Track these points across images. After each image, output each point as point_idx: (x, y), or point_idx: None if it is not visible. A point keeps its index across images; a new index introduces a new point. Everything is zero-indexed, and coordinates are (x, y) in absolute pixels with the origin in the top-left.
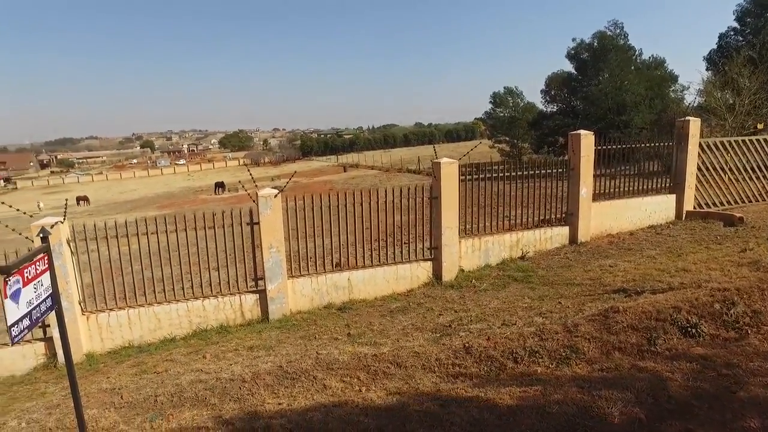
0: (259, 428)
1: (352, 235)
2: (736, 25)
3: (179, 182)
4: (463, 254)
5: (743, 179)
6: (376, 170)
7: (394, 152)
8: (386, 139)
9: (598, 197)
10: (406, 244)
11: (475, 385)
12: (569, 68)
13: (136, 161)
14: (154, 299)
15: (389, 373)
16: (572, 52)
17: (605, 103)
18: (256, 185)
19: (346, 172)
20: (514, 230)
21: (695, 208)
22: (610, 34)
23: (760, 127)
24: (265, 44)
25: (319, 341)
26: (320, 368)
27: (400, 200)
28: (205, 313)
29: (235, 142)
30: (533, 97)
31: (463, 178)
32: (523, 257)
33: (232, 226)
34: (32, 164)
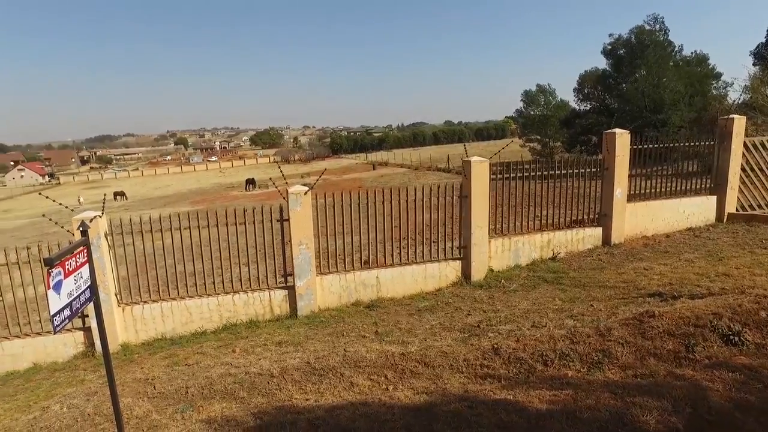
0: (286, 423)
1: (380, 233)
2: None
3: (211, 179)
4: (492, 254)
5: None
6: (405, 168)
7: (423, 150)
8: (416, 137)
9: (632, 198)
10: (434, 242)
11: (503, 387)
12: (604, 66)
13: (170, 158)
14: (186, 293)
15: (417, 372)
16: (608, 48)
17: (641, 101)
18: (286, 182)
19: (375, 170)
20: (545, 230)
21: (738, 210)
22: (649, 28)
23: None
24: (296, 43)
25: (346, 338)
26: (348, 365)
27: (429, 199)
28: (235, 307)
29: (265, 139)
30: (566, 95)
31: (493, 177)
32: (554, 258)
33: (262, 222)
34: (74, 160)
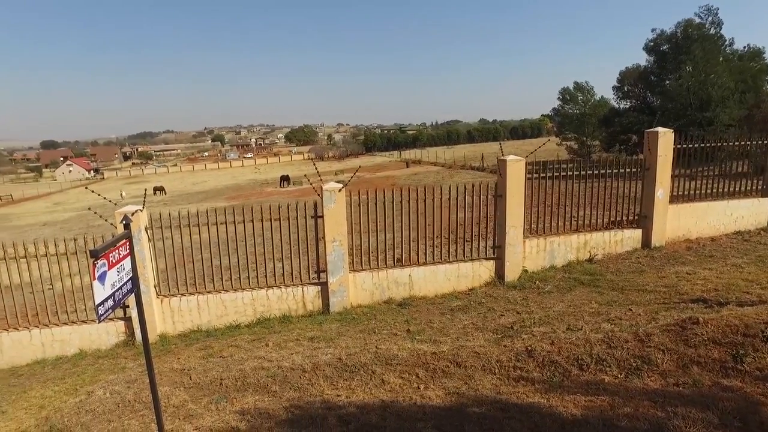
0: (317, 418)
1: (413, 231)
2: None
3: (246, 175)
4: (527, 254)
5: None
6: (438, 166)
7: (457, 149)
8: (449, 135)
9: (675, 199)
10: (468, 242)
11: (537, 390)
12: (645, 62)
13: (207, 154)
14: (221, 287)
15: (448, 372)
16: (651, 44)
17: (686, 98)
18: (321, 179)
19: (408, 168)
20: (581, 231)
21: None
22: (698, 21)
23: None
24: (331, 40)
25: (378, 336)
26: (379, 363)
27: (464, 197)
28: (268, 302)
29: (300, 136)
30: (604, 93)
31: (529, 176)
32: (590, 260)
33: (296, 218)
34: (117, 156)
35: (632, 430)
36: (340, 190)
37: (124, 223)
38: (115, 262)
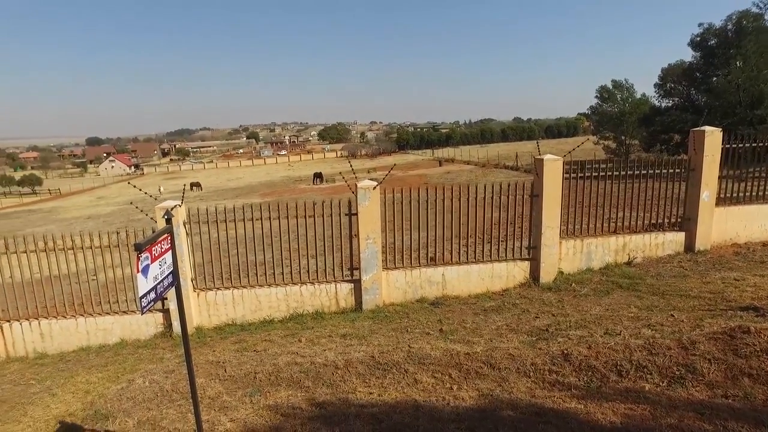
0: (350, 415)
1: (447, 230)
2: None
3: (280, 172)
4: (563, 255)
5: None
6: (471, 165)
7: (490, 147)
8: (483, 133)
9: (722, 201)
10: (502, 242)
11: (573, 395)
12: (690, 58)
13: (242, 151)
14: (255, 282)
15: (482, 373)
16: (697, 39)
17: (735, 95)
18: (355, 176)
19: (441, 166)
20: (619, 233)
21: None
22: (756, 11)
23: None
24: (365, 39)
25: (410, 335)
26: (412, 362)
27: (499, 197)
28: (301, 298)
29: (333, 134)
30: (644, 91)
31: (566, 175)
32: (629, 263)
33: (331, 216)
34: (156, 152)
35: None
36: (374, 188)
37: (166, 217)
38: (157, 255)
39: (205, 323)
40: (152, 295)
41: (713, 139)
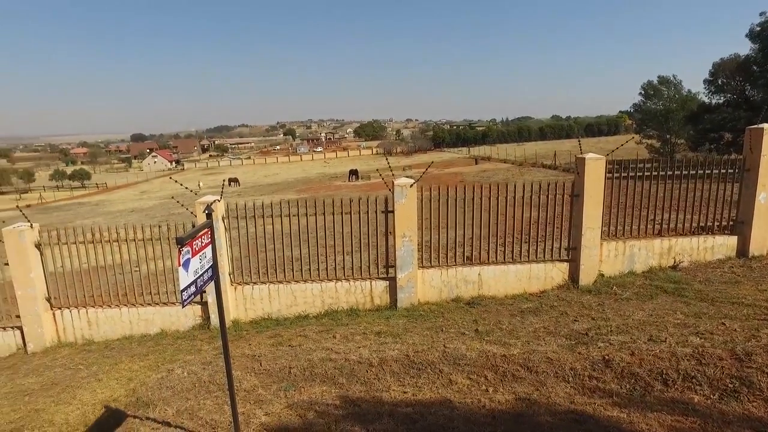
0: (384, 414)
1: (483, 229)
2: None
3: (316, 168)
4: (603, 258)
5: None
6: (508, 164)
7: (528, 146)
8: (520, 131)
9: None
10: (540, 242)
11: (615, 403)
12: (747, 51)
13: (279, 147)
14: (291, 277)
15: (518, 376)
16: (757, 29)
17: None
18: (392, 174)
19: (477, 164)
20: (664, 236)
21: None
22: None
23: None
24: (402, 37)
25: (446, 334)
26: (447, 362)
27: (538, 196)
28: (336, 294)
29: (369, 131)
30: (691, 88)
31: (608, 175)
32: (674, 267)
33: (367, 213)
34: (196, 148)
35: None
36: (411, 185)
37: (207, 212)
38: (197, 250)
39: (241, 317)
40: (192, 288)
41: None
